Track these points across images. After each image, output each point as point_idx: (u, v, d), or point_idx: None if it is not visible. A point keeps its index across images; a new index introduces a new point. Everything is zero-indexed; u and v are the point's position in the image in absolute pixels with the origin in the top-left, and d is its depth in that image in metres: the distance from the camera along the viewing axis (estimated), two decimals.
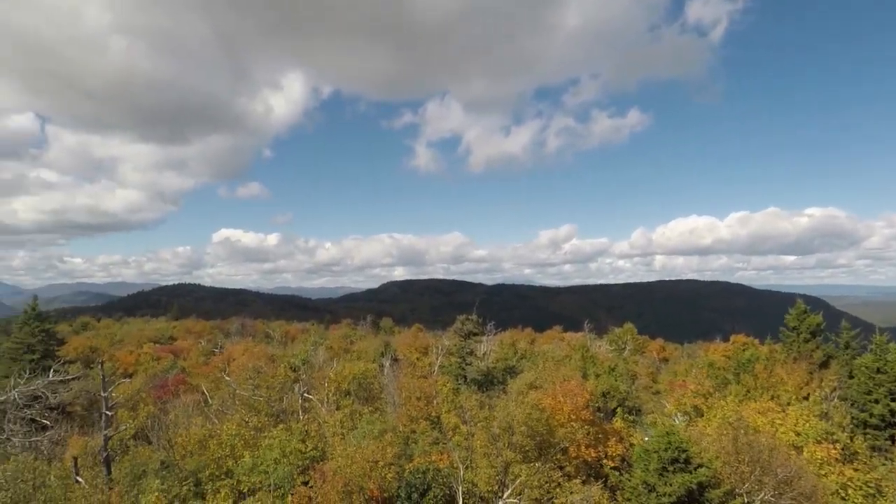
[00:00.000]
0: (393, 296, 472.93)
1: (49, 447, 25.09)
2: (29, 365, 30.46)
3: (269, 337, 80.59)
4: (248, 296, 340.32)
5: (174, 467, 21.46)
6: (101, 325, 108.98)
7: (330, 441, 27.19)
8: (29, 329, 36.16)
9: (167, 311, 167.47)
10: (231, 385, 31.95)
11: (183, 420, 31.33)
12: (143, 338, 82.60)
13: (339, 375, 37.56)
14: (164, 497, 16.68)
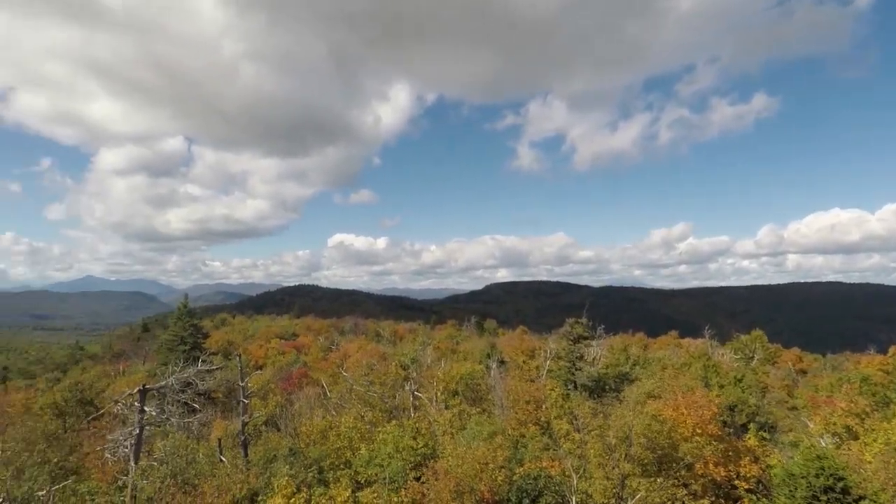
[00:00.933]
0: (496, 297, 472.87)
1: (198, 428, 28.52)
2: (182, 355, 35.09)
3: (380, 336, 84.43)
4: (359, 296, 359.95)
5: (300, 454, 23.15)
6: (235, 321, 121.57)
7: (440, 439, 27.70)
8: (181, 324, 41.57)
9: (289, 309, 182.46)
10: (348, 380, 33.91)
11: (306, 411, 33.84)
12: (270, 334, 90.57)
13: (446, 375, 38.20)
14: (292, 481, 18.02)
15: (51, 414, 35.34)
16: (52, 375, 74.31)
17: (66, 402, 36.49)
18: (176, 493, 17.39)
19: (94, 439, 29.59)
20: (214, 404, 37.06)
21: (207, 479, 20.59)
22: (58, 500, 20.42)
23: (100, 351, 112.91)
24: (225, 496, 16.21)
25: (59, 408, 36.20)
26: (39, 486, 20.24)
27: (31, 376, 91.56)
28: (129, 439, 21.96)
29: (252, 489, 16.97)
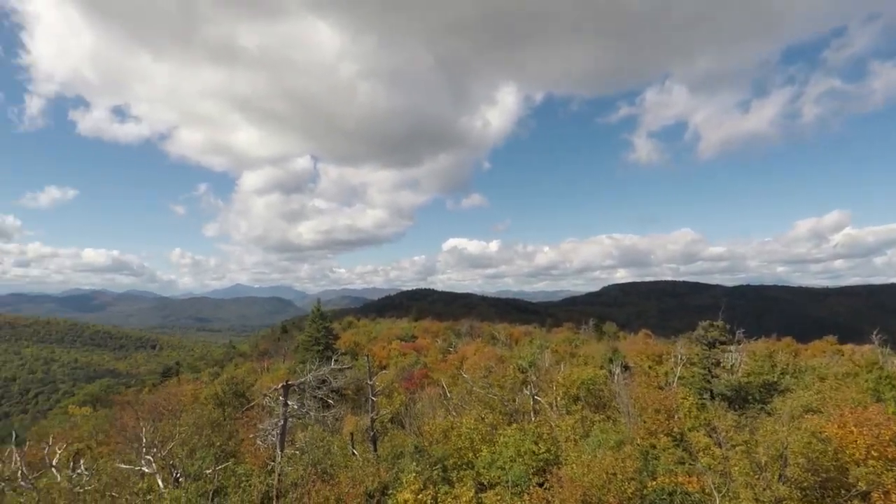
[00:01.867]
0: (615, 299, 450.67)
1: (332, 422, 30.85)
2: (316, 354, 38.39)
3: (495, 338, 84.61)
4: (473, 299, 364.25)
5: (424, 452, 23.92)
6: (360, 324, 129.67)
7: (562, 445, 26.92)
8: (315, 326, 45.47)
9: (408, 312, 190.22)
10: (467, 382, 34.43)
11: (428, 410, 34.94)
12: (391, 335, 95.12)
13: (566, 379, 37.10)
14: (418, 478, 18.66)
15: (213, 404, 40.48)
16: (212, 370, 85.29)
17: (225, 394, 41.60)
18: (316, 480, 18.90)
19: (247, 428, 33.35)
20: (345, 400, 39.81)
21: (342, 469, 22.10)
22: (220, 479, 23.17)
23: (248, 350, 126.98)
24: (359, 487, 17.27)
25: (219, 398, 41.36)
26: (207, 465, 23.20)
27: (196, 370, 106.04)
28: (275, 429, 24.36)
29: (382, 482, 17.90)
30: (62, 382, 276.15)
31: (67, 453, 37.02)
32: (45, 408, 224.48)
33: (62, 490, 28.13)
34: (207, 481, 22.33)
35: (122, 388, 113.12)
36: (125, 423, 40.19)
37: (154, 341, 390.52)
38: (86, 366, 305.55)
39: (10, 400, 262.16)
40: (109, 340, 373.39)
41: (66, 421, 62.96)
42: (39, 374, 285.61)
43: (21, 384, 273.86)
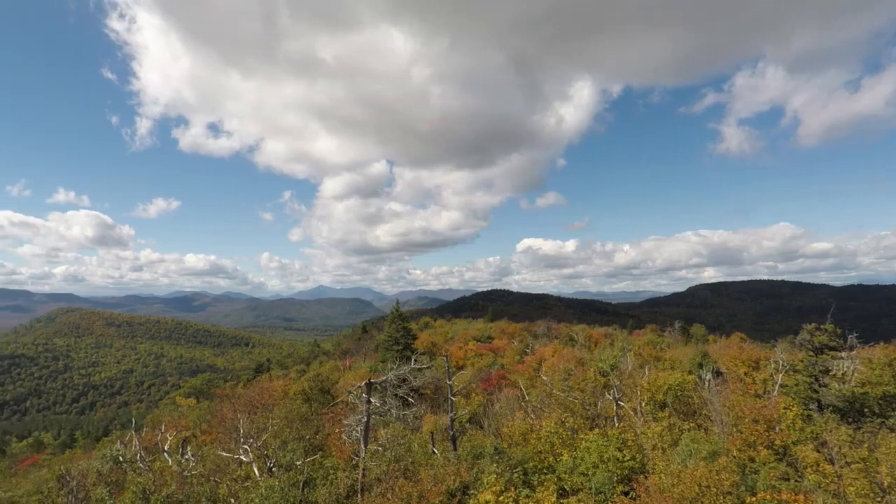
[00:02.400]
0: (703, 300, 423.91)
1: (413, 420, 31.55)
2: (396, 354, 39.45)
3: (573, 340, 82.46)
4: (549, 300, 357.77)
5: (504, 454, 23.78)
6: (436, 324, 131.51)
7: (649, 454, 25.70)
8: (395, 326, 46.75)
9: (483, 313, 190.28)
10: (547, 385, 33.85)
11: (506, 412, 34.70)
12: (467, 336, 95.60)
13: (651, 384, 35.34)
14: (499, 480, 18.59)
15: (301, 399, 42.76)
16: (299, 367, 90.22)
17: (311, 390, 43.83)
18: (399, 476, 19.40)
19: (333, 423, 34.94)
20: (424, 399, 40.53)
21: (423, 467, 22.49)
22: (309, 470, 24.39)
23: (331, 348, 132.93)
24: (440, 485, 17.50)
25: (307, 394, 43.62)
26: (297, 457, 24.55)
27: (284, 367, 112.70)
28: (359, 425, 25.30)
29: (464, 482, 18.02)
30: (170, 375, 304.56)
31: (176, 440, 40.75)
32: (157, 398, 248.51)
33: (173, 473, 30.97)
34: (298, 472, 23.59)
35: (220, 382, 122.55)
36: (224, 415, 43.51)
37: (247, 339, 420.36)
38: (189, 361, 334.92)
39: (129, 390, 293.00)
40: (209, 338, 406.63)
41: (175, 411, 69.20)
42: (151, 368, 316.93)
43: (137, 376, 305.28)
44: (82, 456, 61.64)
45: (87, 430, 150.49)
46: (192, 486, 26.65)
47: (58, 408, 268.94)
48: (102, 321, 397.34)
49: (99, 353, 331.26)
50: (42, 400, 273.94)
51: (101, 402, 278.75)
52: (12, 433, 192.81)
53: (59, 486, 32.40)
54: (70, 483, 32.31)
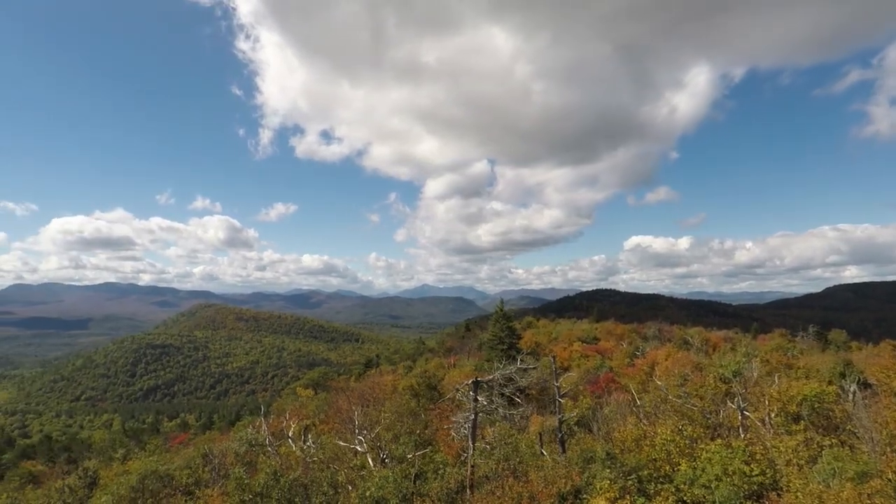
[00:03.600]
0: (844, 302, 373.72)
1: (520, 421, 31.54)
2: (500, 353, 39.67)
3: (688, 343, 77.06)
4: (661, 301, 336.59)
5: (616, 460, 22.94)
6: (539, 324, 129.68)
7: (782, 470, 23.31)
8: (499, 326, 47.01)
9: (588, 314, 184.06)
10: (662, 390, 32.04)
11: (617, 416, 33.39)
12: (572, 337, 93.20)
13: (783, 394, 31.94)
14: (613, 486, 18.00)
15: (409, 394, 44.57)
16: (406, 364, 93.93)
17: (419, 386, 45.48)
18: (509, 476, 19.54)
19: (439, 419, 35.99)
20: (530, 400, 40.29)
21: (531, 468, 22.42)
22: (420, 464, 25.37)
23: (435, 346, 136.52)
24: (551, 487, 17.36)
25: (414, 390, 45.35)
26: (409, 450, 25.66)
27: (392, 363, 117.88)
28: (466, 423, 25.81)
29: (575, 486, 17.70)
30: (290, 367, 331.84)
31: (299, 427, 44.41)
32: (279, 388, 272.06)
33: (297, 458, 33.83)
34: (409, 465, 24.65)
35: (334, 375, 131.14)
36: (340, 407, 46.59)
37: (357, 335, 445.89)
38: (306, 354, 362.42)
39: (255, 379, 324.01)
40: (323, 333, 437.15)
41: (296, 400, 75.38)
42: (274, 360, 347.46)
43: (262, 367, 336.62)
44: (219, 437, 69.21)
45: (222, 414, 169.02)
46: (314, 471, 28.91)
47: (199, 393, 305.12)
48: (233, 316, 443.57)
49: (231, 344, 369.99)
50: (186, 385, 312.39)
51: (233, 389, 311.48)
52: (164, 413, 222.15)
53: (204, 462, 36.82)
54: (213, 461, 36.61)
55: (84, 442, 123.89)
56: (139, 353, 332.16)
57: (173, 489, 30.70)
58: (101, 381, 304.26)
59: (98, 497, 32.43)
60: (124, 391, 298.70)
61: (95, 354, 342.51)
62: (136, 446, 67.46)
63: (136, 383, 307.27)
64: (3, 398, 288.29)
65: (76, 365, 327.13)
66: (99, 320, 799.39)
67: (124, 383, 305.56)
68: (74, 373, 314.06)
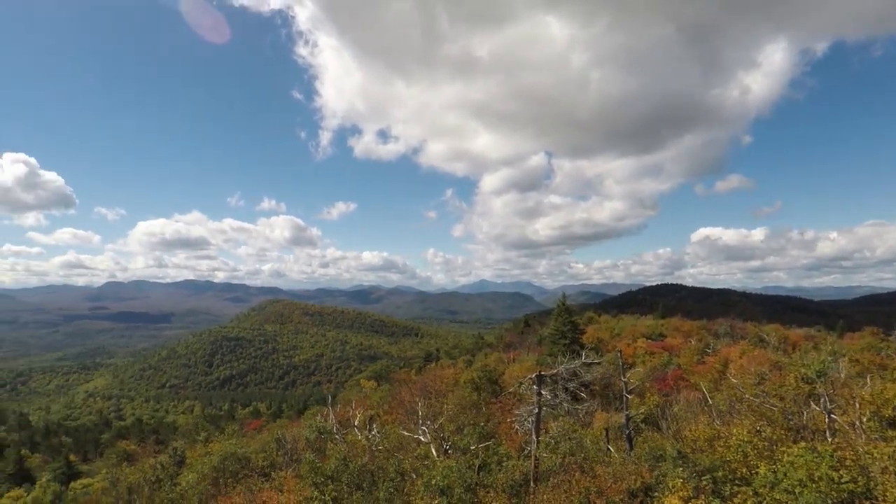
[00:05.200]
0: None
1: (585, 416, 31.00)
2: (563, 348, 39.13)
3: (763, 341, 72.52)
4: (732, 296, 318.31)
5: (688, 459, 22.08)
6: (601, 319, 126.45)
7: (877, 478, 21.53)
8: (561, 320, 46.36)
9: (652, 309, 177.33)
10: (738, 388, 30.41)
11: (687, 415, 32.07)
12: (635, 333, 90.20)
13: (877, 397, 29.39)
14: (686, 485, 17.36)
15: (470, 388, 44.90)
16: (466, 358, 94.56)
17: (480, 380, 45.71)
18: (576, 470, 19.31)
19: (501, 412, 36.04)
20: (593, 396, 39.48)
21: (596, 463, 22.01)
22: (484, 455, 25.56)
23: (493, 341, 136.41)
24: (620, 483, 16.99)
25: (475, 384, 45.62)
26: (472, 441, 25.91)
27: (452, 357, 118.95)
28: (530, 416, 25.71)
29: (646, 483, 17.24)
30: (352, 360, 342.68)
31: (364, 417, 45.87)
32: (342, 379, 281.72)
33: (363, 446, 34.95)
34: (473, 456, 24.89)
35: (395, 367, 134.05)
36: (403, 398, 47.66)
37: (416, 330, 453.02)
38: (368, 347, 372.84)
39: (321, 371, 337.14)
40: (383, 328, 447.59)
41: (360, 391, 77.78)
42: (338, 353, 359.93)
43: (327, 360, 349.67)
44: (289, 425, 72.62)
45: (290, 404, 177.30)
46: (380, 458, 29.80)
47: (269, 383, 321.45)
48: (300, 311, 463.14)
49: (297, 338, 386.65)
50: (257, 376, 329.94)
51: (300, 380, 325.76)
52: (238, 401, 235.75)
53: (278, 447, 38.88)
54: (286, 446, 38.58)
55: (169, 425, 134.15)
56: (216, 346, 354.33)
57: (250, 470, 32.63)
58: (183, 371, 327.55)
59: (185, 474, 35.13)
60: (203, 380, 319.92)
61: (178, 346, 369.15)
62: (215, 430, 72.15)
63: (214, 373, 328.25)
64: (101, 384, 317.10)
65: (161, 355, 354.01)
66: (180, 315, 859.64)
67: (203, 373, 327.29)
68: (160, 362, 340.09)
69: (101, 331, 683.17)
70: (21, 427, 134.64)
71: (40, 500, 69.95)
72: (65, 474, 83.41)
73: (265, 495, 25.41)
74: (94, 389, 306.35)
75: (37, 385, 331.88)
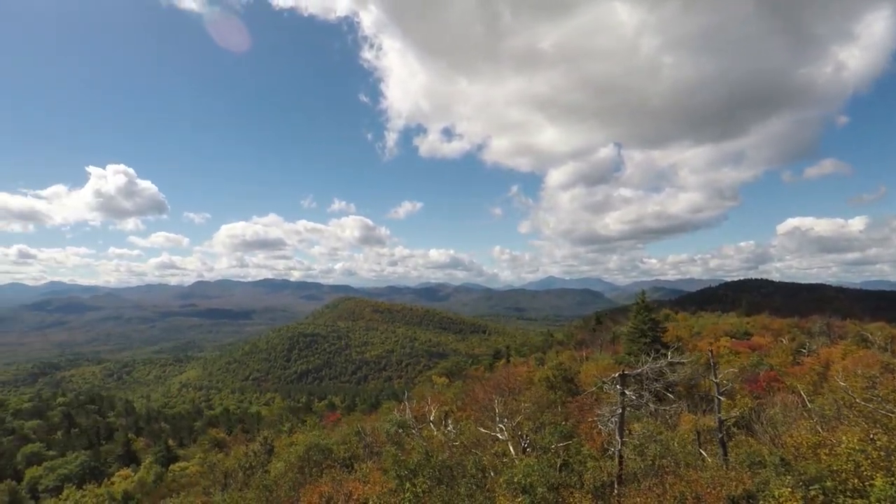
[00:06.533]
0: None
1: (672, 418, 29.68)
2: (643, 346, 37.60)
3: (867, 341, 65.96)
4: (827, 291, 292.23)
5: (791, 467, 20.55)
6: (678, 317, 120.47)
7: None
8: (641, 317, 44.58)
9: (734, 306, 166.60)
10: (847, 392, 27.85)
11: (784, 419, 29.86)
12: (717, 331, 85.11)
13: None
14: (795, 494, 16.18)
15: (545, 386, 44.30)
16: (537, 355, 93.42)
17: (555, 378, 44.98)
18: (669, 473, 18.53)
19: (578, 412, 35.26)
20: (678, 397, 37.74)
21: (686, 468, 21.01)
22: (565, 454, 25.16)
23: (563, 338, 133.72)
24: (719, 489, 16.11)
25: (550, 382, 44.95)
26: (553, 440, 25.57)
27: (521, 355, 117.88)
28: (613, 416, 24.97)
29: (747, 490, 16.23)
30: (421, 357, 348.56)
31: (439, 413, 46.51)
32: (412, 375, 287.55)
33: (439, 441, 35.46)
34: (554, 455, 24.55)
35: (465, 364, 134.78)
36: (476, 395, 47.85)
37: (484, 327, 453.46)
38: (436, 344, 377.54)
39: (391, 367, 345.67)
40: (451, 325, 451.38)
41: (432, 387, 78.89)
42: (407, 349, 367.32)
43: (397, 356, 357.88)
44: (364, 418, 75.01)
45: (363, 398, 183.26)
46: (458, 454, 30.09)
47: (342, 378, 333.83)
48: (370, 308, 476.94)
49: (368, 334, 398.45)
50: (332, 370, 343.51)
51: (372, 375, 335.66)
52: (314, 395, 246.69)
53: (358, 439, 40.30)
54: (366, 438, 39.90)
55: (253, 415, 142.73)
56: (293, 341, 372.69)
57: (333, 461, 34.06)
58: (264, 364, 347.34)
59: (274, 462, 37.30)
60: (282, 373, 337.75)
61: (259, 341, 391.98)
62: (297, 422, 75.98)
63: (291, 367, 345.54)
64: (193, 376, 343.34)
65: (244, 350, 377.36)
66: (260, 311, 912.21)
67: (282, 367, 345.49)
68: (243, 356, 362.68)
69: (192, 326, 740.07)
70: (127, 413, 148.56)
71: (144, 480, 77.02)
72: (164, 457, 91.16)
73: (350, 485, 26.40)
74: (187, 380, 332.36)
75: (139, 375, 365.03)
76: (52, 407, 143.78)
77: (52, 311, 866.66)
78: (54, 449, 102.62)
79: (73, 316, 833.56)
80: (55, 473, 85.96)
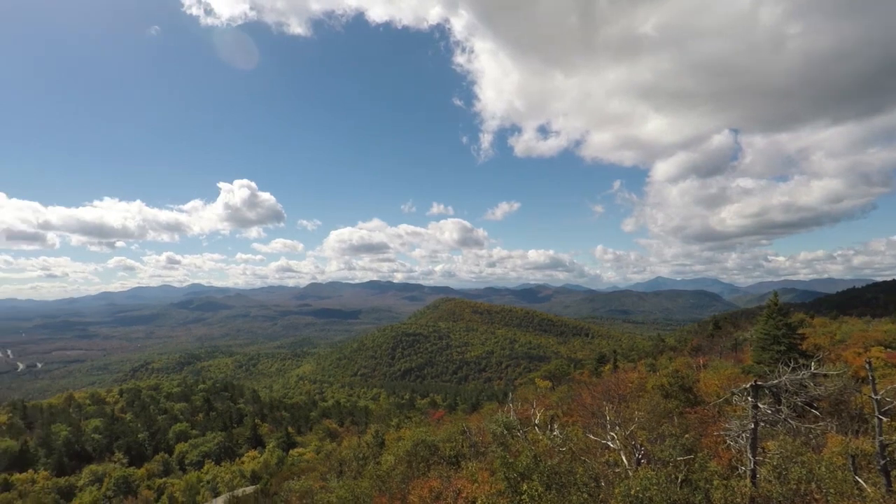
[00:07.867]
0: None
1: (816, 438, 26.18)
2: (776, 355, 33.62)
3: None
4: None
5: None
6: (814, 322, 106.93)
7: None
8: (773, 322, 40.00)
9: (887, 311, 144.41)
10: None
11: None
12: (866, 340, 74.12)
13: None
14: None
15: (660, 395, 41.34)
16: (647, 361, 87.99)
17: (671, 386, 41.79)
18: (813, 500, 16.29)
19: (699, 424, 32.38)
20: (823, 414, 33.26)
21: (844, 498, 18.35)
22: (685, 469, 23.20)
23: (676, 343, 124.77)
24: None
25: (665, 390, 41.84)
26: (675, 454, 23.69)
27: (629, 360, 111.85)
28: (744, 431, 22.60)
29: None
30: (522, 359, 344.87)
31: (544, 416, 45.40)
32: (512, 377, 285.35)
33: (544, 445, 34.52)
34: (676, 469, 22.74)
35: (569, 368, 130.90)
36: (583, 400, 46.06)
37: (586, 330, 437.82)
38: (537, 346, 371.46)
39: (491, 368, 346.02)
40: (552, 327, 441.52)
41: (535, 390, 77.46)
42: (507, 351, 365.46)
43: (497, 357, 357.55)
44: (466, 418, 75.55)
45: (464, 398, 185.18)
46: (566, 461, 29.02)
47: (443, 377, 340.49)
48: (469, 309, 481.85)
49: (468, 335, 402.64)
50: (433, 369, 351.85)
51: (472, 375, 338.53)
52: (417, 392, 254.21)
53: (464, 438, 40.56)
54: (471, 438, 40.06)
55: (361, 409, 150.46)
56: (397, 340, 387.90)
57: (439, 458, 34.55)
58: (371, 361, 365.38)
59: (385, 455, 38.78)
60: (387, 370, 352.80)
61: (366, 339, 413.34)
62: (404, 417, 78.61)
63: (396, 364, 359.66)
64: (308, 370, 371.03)
65: (353, 347, 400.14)
66: (367, 311, 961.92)
67: (387, 364, 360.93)
68: (352, 353, 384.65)
69: (307, 324, 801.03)
70: (254, 401, 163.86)
71: (269, 462, 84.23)
72: (285, 443, 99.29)
73: (458, 483, 26.54)
74: (303, 374, 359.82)
75: (263, 367, 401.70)
76: (195, 392, 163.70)
77: (194, 308, 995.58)
78: (197, 429, 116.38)
79: (210, 313, 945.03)
80: (197, 450, 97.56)
